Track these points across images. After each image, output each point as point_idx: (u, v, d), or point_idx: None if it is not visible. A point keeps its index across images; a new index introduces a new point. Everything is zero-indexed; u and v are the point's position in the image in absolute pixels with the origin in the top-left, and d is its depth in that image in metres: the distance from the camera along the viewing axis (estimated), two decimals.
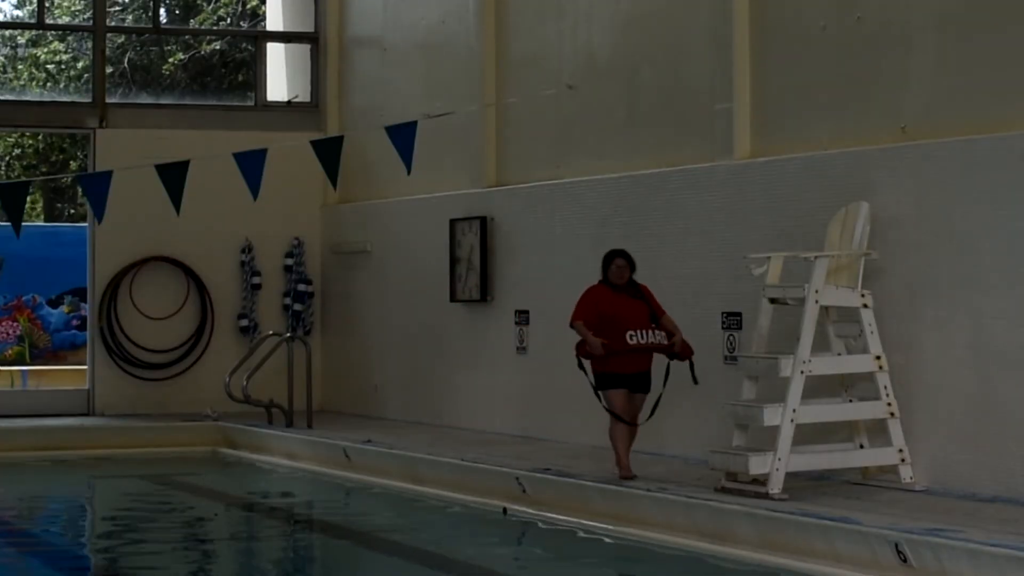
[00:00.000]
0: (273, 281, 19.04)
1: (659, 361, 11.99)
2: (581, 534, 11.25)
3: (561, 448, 14.10)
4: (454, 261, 16.30)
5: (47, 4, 23.28)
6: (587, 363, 12.05)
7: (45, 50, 30.46)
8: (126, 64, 28.43)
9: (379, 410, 17.81)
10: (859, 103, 11.90)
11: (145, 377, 18.54)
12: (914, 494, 10.78)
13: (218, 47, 28.59)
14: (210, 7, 30.06)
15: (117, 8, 29.11)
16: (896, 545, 8.98)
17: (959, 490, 10.70)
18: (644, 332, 11.76)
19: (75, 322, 23.82)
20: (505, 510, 12.13)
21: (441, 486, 13.19)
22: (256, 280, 18.93)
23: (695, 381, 11.86)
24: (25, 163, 31.03)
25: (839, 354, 11.24)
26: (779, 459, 10.61)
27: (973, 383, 10.71)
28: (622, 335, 11.71)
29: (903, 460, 11.01)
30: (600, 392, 11.89)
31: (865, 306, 11.09)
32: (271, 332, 17.87)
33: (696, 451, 12.42)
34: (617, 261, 11.96)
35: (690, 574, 10.15)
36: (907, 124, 11.44)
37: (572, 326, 11.94)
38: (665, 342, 11.78)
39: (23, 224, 14.19)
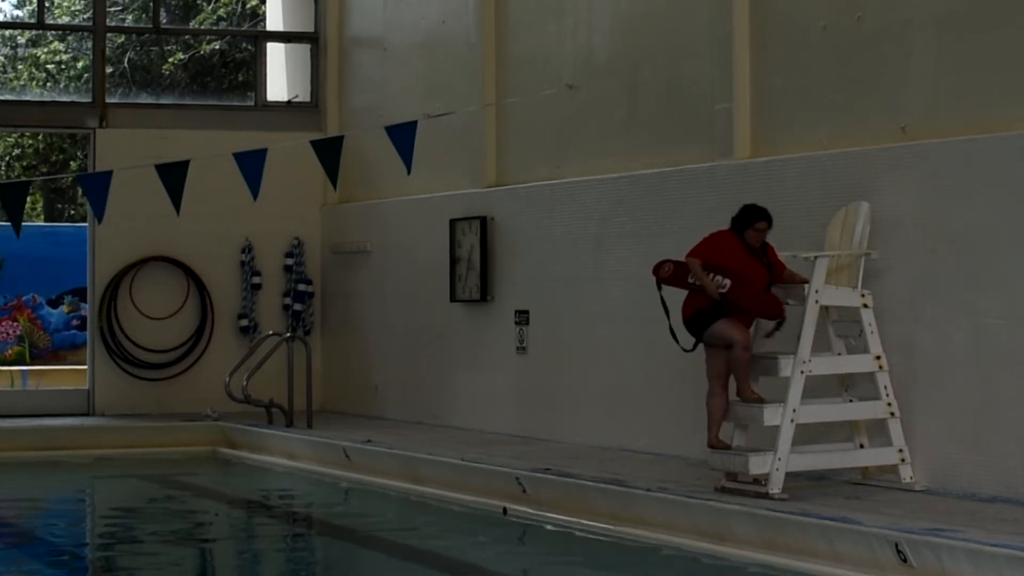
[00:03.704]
0: (273, 281, 19.04)
1: None
2: (581, 534, 11.24)
3: (561, 448, 14.10)
4: (454, 261, 16.30)
5: (47, 4, 23.27)
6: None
7: (45, 50, 30.46)
8: (126, 64, 28.44)
9: (379, 410, 17.81)
10: (859, 103, 11.90)
11: (145, 377, 18.54)
12: (914, 494, 10.77)
13: (218, 47, 28.59)
14: (210, 7, 30.06)
15: (117, 8, 29.11)
16: (896, 545, 8.98)
17: (959, 490, 10.70)
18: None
19: (75, 322, 23.83)
20: (505, 510, 12.13)
21: (441, 486, 13.19)
22: (256, 280, 18.93)
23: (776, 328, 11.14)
24: (25, 163, 31.03)
25: (839, 354, 11.24)
26: (779, 459, 10.61)
27: (973, 383, 10.71)
28: (743, 293, 10.90)
29: (903, 460, 11.01)
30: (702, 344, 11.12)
31: (865, 306, 11.09)
32: (271, 332, 17.87)
33: (696, 451, 12.40)
34: (760, 225, 11.06)
35: (690, 574, 10.16)
36: (907, 124, 11.44)
37: (686, 261, 11.12)
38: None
39: (23, 224, 14.20)
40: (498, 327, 15.72)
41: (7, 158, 31.29)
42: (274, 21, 20.83)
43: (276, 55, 19.86)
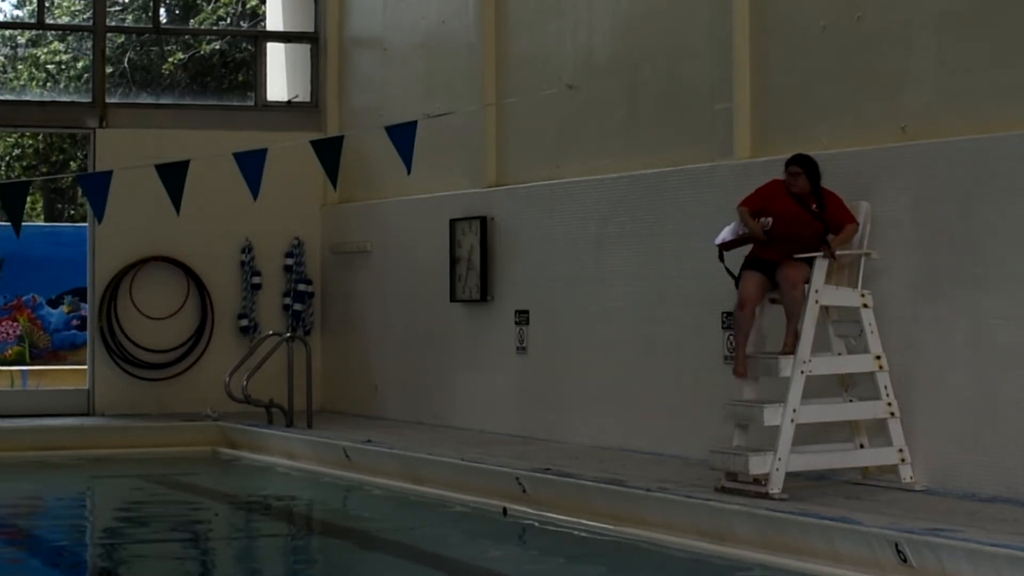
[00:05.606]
0: (273, 281, 19.04)
1: None
2: (581, 534, 11.24)
3: (561, 448, 14.10)
4: (454, 261, 16.30)
5: (47, 4, 23.28)
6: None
7: (45, 50, 30.48)
8: (126, 64, 28.45)
9: (379, 410, 17.81)
10: (859, 103, 11.90)
11: (145, 377, 18.54)
12: (914, 494, 10.77)
13: (218, 47, 28.60)
14: (210, 7, 30.07)
15: (117, 8, 29.13)
16: (896, 545, 8.98)
17: (959, 490, 10.70)
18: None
19: (75, 322, 23.84)
20: (505, 510, 12.12)
21: (441, 486, 13.19)
22: (256, 280, 18.93)
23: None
24: (25, 163, 31.05)
25: (839, 354, 11.24)
26: (779, 459, 10.61)
27: (973, 383, 10.71)
28: (783, 227, 11.05)
29: (903, 460, 11.01)
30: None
31: (865, 306, 11.09)
32: (271, 332, 17.87)
33: (696, 451, 12.41)
34: (790, 168, 11.16)
35: (690, 574, 10.15)
36: (907, 124, 11.44)
37: (737, 211, 11.30)
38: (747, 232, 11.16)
39: (23, 224, 14.20)
40: (498, 327, 15.72)
41: (7, 158, 31.30)
42: (274, 21, 20.84)
43: (276, 55, 19.87)
